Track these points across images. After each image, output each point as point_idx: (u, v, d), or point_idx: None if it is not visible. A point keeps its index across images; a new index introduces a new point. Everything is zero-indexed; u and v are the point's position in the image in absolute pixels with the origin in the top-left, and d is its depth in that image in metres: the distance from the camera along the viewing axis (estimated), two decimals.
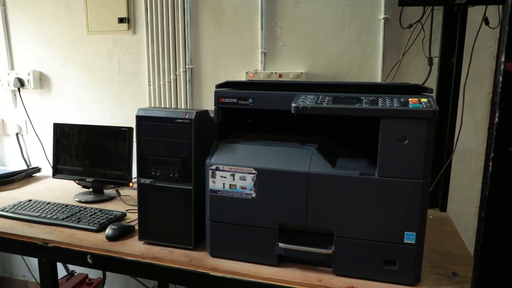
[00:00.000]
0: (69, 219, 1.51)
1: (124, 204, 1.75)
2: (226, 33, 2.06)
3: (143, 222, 1.34)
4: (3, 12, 2.40)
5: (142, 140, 1.29)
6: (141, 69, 2.22)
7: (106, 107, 2.32)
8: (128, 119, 2.28)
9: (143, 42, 2.19)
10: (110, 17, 2.21)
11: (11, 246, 1.45)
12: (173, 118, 1.25)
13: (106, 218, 1.52)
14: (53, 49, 2.36)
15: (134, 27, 2.20)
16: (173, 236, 1.32)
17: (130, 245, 1.35)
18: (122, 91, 2.28)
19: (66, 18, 2.30)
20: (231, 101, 1.24)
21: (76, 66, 2.34)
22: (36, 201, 1.70)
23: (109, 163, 1.81)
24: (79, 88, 2.35)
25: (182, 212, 1.29)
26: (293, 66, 2.00)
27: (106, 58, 2.27)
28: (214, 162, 1.22)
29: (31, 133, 2.49)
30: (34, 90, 2.41)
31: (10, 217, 1.56)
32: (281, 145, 1.24)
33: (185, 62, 2.11)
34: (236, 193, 1.21)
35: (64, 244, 1.37)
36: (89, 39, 2.29)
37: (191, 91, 2.15)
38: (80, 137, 1.87)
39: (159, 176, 1.29)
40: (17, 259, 2.75)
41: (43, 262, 1.42)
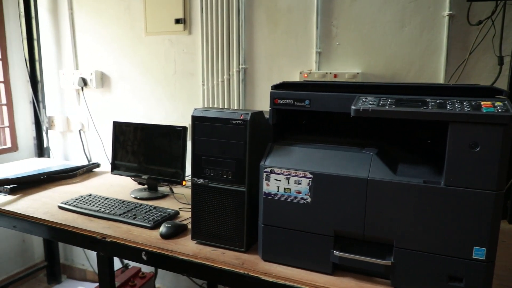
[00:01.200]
0: (126, 215, 1.56)
1: (177, 202, 1.78)
2: (280, 32, 2.03)
3: (196, 222, 1.34)
4: (70, 15, 2.54)
5: (197, 140, 1.30)
6: (196, 69, 2.25)
7: (161, 106, 2.38)
8: (182, 118, 2.32)
9: (198, 42, 2.22)
10: (167, 18, 2.26)
11: (73, 238, 1.52)
12: (228, 119, 1.24)
13: (160, 215, 1.55)
14: (114, 50, 2.46)
15: (190, 27, 2.23)
16: (225, 238, 1.31)
17: (183, 244, 1.36)
18: (177, 90, 2.33)
19: (127, 20, 2.39)
20: (287, 102, 1.21)
21: (135, 66, 2.42)
22: (95, 196, 1.77)
23: (163, 161, 1.85)
24: (137, 87, 2.43)
25: (234, 214, 1.28)
26: (349, 66, 1.93)
27: (162, 58, 2.33)
28: (268, 165, 1.20)
29: (92, 130, 2.61)
30: (96, 89, 2.52)
31: (72, 210, 1.64)
32: (338, 149, 1.19)
33: (239, 62, 2.11)
34: (291, 197, 1.18)
35: (120, 239, 1.41)
36: (147, 40, 2.36)
37: (244, 91, 2.15)
38: (137, 135, 1.93)
39: (213, 176, 1.29)
40: (77, 248, 2.90)
41: (101, 256, 1.47)
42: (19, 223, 1.64)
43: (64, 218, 1.58)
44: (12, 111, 2.67)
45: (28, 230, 1.64)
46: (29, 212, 1.63)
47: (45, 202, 1.76)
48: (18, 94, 2.69)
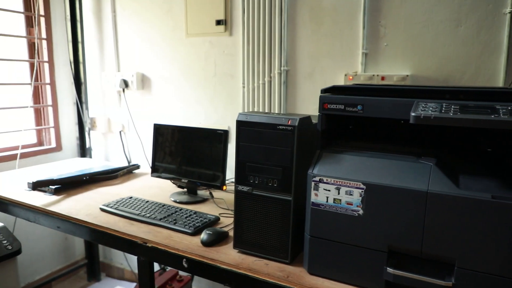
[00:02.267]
0: (166, 220, 1.54)
1: (217, 207, 1.74)
2: (324, 32, 1.96)
3: (238, 230, 1.30)
4: (114, 18, 2.57)
5: (241, 146, 1.25)
6: (236, 71, 2.21)
7: (200, 108, 2.36)
8: (222, 121, 2.29)
9: (239, 44, 2.18)
10: (208, 19, 2.23)
11: (114, 241, 1.51)
12: (275, 124, 1.19)
13: (201, 221, 1.52)
14: (155, 52, 2.46)
15: (230, 28, 2.20)
16: (269, 248, 1.26)
17: (225, 253, 1.32)
18: (217, 92, 2.30)
19: (168, 22, 2.39)
20: (338, 107, 1.14)
21: (175, 68, 2.41)
22: (136, 199, 1.76)
23: (204, 165, 1.82)
24: (177, 89, 2.43)
25: (279, 224, 1.22)
26: (398, 68, 1.83)
27: (202, 60, 2.31)
28: (317, 173, 1.13)
29: (132, 131, 2.63)
30: (136, 90, 2.54)
31: (114, 213, 1.64)
32: (393, 158, 1.11)
33: (281, 63, 2.05)
34: (341, 208, 1.10)
35: (161, 245, 1.39)
36: (188, 42, 2.34)
37: (285, 94, 2.09)
38: (178, 138, 1.91)
39: (257, 184, 1.24)
40: None
41: (142, 261, 1.45)
42: (63, 224, 1.66)
43: (106, 220, 1.58)
44: (57, 112, 2.74)
45: (71, 231, 1.65)
46: (72, 214, 1.64)
47: (87, 203, 1.77)
48: (63, 96, 2.76)
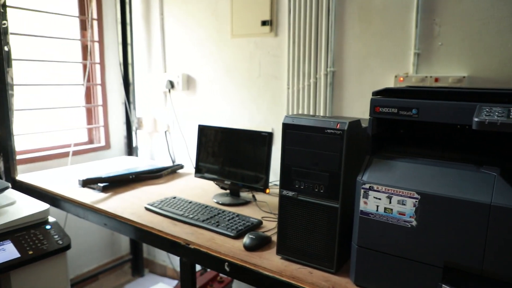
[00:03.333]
0: (209, 222, 1.53)
1: (259, 210, 1.72)
2: (373, 32, 1.88)
3: (282, 236, 1.26)
4: (161, 21, 2.62)
5: (287, 150, 1.22)
6: (281, 72, 2.18)
7: (244, 109, 2.35)
8: (265, 123, 2.27)
9: (284, 44, 2.14)
10: (253, 20, 2.22)
11: (157, 241, 1.53)
12: (322, 128, 1.14)
13: (243, 225, 1.50)
14: (200, 53, 2.48)
15: (276, 29, 2.17)
16: (313, 256, 1.21)
17: (268, 259, 1.29)
18: (261, 94, 2.27)
19: (214, 23, 2.40)
20: (390, 111, 1.08)
21: (220, 69, 2.42)
22: (179, 199, 1.78)
23: (247, 167, 1.80)
24: (221, 89, 2.43)
25: (325, 231, 1.17)
26: (453, 69, 1.72)
27: (247, 61, 2.30)
28: (367, 181, 1.07)
29: (177, 131, 2.67)
30: (182, 91, 2.58)
31: (158, 212, 1.66)
32: (451, 166, 1.03)
33: (327, 64, 1.99)
34: (392, 218, 1.04)
35: (204, 247, 1.38)
36: (232, 43, 2.34)
37: (331, 96, 2.03)
38: (222, 139, 1.90)
39: (303, 189, 1.20)
40: None
41: (184, 262, 1.45)
42: (110, 221, 1.70)
43: (150, 220, 1.60)
44: (106, 112, 2.83)
45: (117, 229, 1.69)
46: (118, 212, 1.68)
47: (132, 202, 1.81)
48: (112, 96, 2.85)
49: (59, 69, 2.61)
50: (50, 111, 2.59)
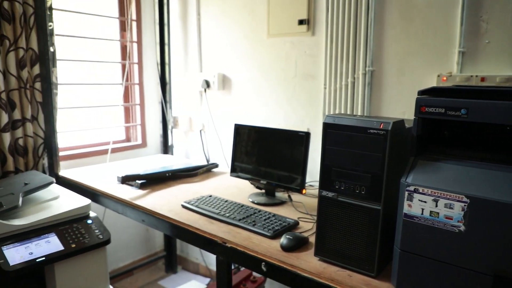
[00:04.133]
0: (245, 221, 1.53)
1: (295, 211, 1.70)
2: (415, 30, 1.82)
3: (320, 237, 1.24)
4: (198, 21, 2.66)
5: (327, 150, 1.19)
6: (318, 72, 2.15)
7: (280, 109, 2.34)
8: (300, 123, 2.25)
9: (321, 44, 2.11)
10: (290, 19, 2.20)
11: (194, 239, 1.54)
12: (365, 128, 1.11)
13: (280, 225, 1.49)
14: (236, 53, 2.49)
15: (313, 28, 2.14)
16: (353, 258, 1.18)
17: (305, 260, 1.27)
18: (297, 93, 2.26)
19: (250, 23, 2.40)
20: (438, 111, 1.04)
21: (255, 69, 2.42)
22: (215, 198, 1.79)
23: (283, 167, 1.78)
24: (256, 89, 2.43)
25: (366, 234, 1.15)
26: (501, 68, 1.64)
27: (283, 60, 2.28)
28: (412, 183, 1.04)
29: (212, 130, 2.69)
30: (217, 90, 2.59)
31: (194, 210, 1.67)
32: (503, 169, 0.97)
33: (365, 64, 1.95)
34: (439, 222, 1.00)
35: (240, 246, 1.38)
36: (268, 42, 2.33)
37: (369, 96, 1.98)
38: (258, 139, 1.90)
39: (343, 190, 1.18)
40: None
41: (220, 260, 1.46)
42: (147, 218, 1.73)
43: (187, 217, 1.62)
44: (143, 111, 2.90)
45: (154, 225, 1.72)
46: (156, 209, 1.71)
47: (169, 199, 1.83)
48: (149, 95, 2.91)
49: (98, 69, 2.69)
50: (90, 110, 2.67)
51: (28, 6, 2.09)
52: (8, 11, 2.02)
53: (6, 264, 1.36)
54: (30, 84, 2.17)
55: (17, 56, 2.09)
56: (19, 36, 2.07)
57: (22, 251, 1.43)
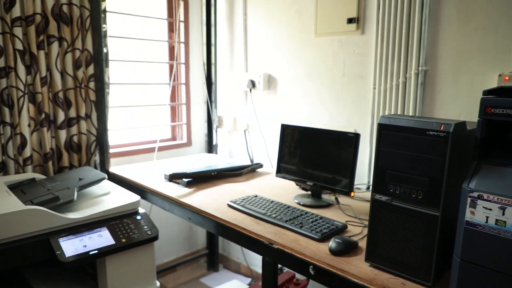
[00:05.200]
0: (292, 222, 1.51)
1: (343, 214, 1.66)
2: (474, 27, 1.72)
3: (372, 242, 1.20)
4: (244, 21, 2.66)
5: (382, 152, 1.15)
6: (367, 71, 2.09)
7: (325, 109, 2.30)
8: (347, 124, 2.19)
9: (371, 43, 2.05)
10: (339, 18, 2.15)
11: (240, 238, 1.54)
12: (424, 130, 1.06)
13: (328, 228, 1.45)
14: (282, 53, 2.48)
15: (363, 27, 2.09)
16: (407, 266, 1.13)
17: (355, 265, 1.23)
18: (344, 94, 2.21)
19: (297, 22, 2.37)
20: (505, 112, 0.96)
21: (301, 69, 2.39)
22: (261, 198, 1.78)
23: (330, 169, 1.74)
24: (302, 90, 2.40)
25: (422, 241, 1.09)
26: None
27: (330, 60, 2.24)
28: (475, 188, 0.97)
29: (256, 130, 2.69)
30: (262, 90, 2.59)
31: (240, 210, 1.67)
32: None
33: (418, 63, 1.87)
34: (506, 232, 0.93)
35: (287, 248, 1.36)
36: (315, 42, 2.30)
37: (421, 96, 1.90)
38: (305, 139, 1.87)
39: (398, 194, 1.13)
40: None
41: (267, 261, 1.44)
42: (194, 216, 1.75)
43: (233, 217, 1.62)
44: (189, 110, 2.95)
45: (200, 223, 1.73)
46: (203, 207, 1.72)
47: (215, 198, 1.84)
48: (195, 95, 2.95)
49: (145, 69, 2.76)
50: (138, 109, 2.75)
51: (84, 9, 2.18)
52: (67, 14, 2.12)
53: (62, 255, 1.42)
54: (84, 84, 2.26)
55: (73, 57, 2.18)
56: (75, 38, 2.17)
57: (77, 244, 1.48)
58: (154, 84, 2.81)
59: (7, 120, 1.99)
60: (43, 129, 2.11)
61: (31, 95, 2.07)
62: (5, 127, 1.99)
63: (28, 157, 2.06)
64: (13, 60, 1.96)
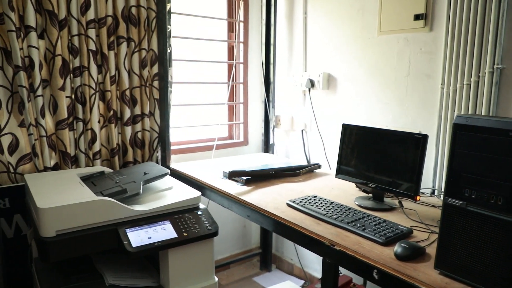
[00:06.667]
0: (354, 225, 1.47)
1: (406, 218, 1.59)
2: None
3: (443, 249, 1.13)
4: (304, 19, 2.64)
5: (457, 153, 1.08)
6: (434, 70, 1.99)
7: (388, 110, 2.21)
8: (411, 124, 2.10)
9: (440, 40, 1.95)
10: (405, 15, 2.07)
11: (300, 238, 1.52)
12: (506, 130, 0.98)
13: (392, 232, 1.40)
14: (343, 52, 2.43)
15: (431, 23, 1.99)
16: (482, 276, 1.05)
17: (424, 272, 1.17)
18: (408, 94, 2.11)
19: (359, 20, 2.31)
20: None
21: (363, 68, 2.32)
22: (321, 198, 1.75)
23: (394, 171, 1.68)
24: (363, 89, 2.33)
25: (500, 250, 1.01)
26: None
27: (395, 58, 2.16)
28: None
29: (314, 130, 2.66)
30: (321, 90, 2.55)
31: (300, 210, 1.65)
32: None
33: (493, 61, 1.75)
34: None
35: (350, 250, 1.32)
36: (379, 40, 2.22)
37: (496, 97, 1.77)
38: (367, 140, 1.81)
39: (474, 199, 1.05)
40: (288, 242, 3.03)
41: (328, 263, 1.42)
42: (252, 214, 1.76)
43: (293, 216, 1.61)
44: (247, 109, 2.97)
45: (259, 221, 1.74)
46: (262, 205, 1.73)
47: (274, 197, 1.84)
48: (253, 94, 2.98)
49: (204, 68, 2.82)
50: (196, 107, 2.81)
51: (151, 10, 2.28)
52: (135, 16, 2.22)
53: (129, 245, 1.49)
54: (149, 82, 2.36)
55: (140, 56, 2.29)
56: (142, 38, 2.27)
57: (142, 235, 1.55)
58: (213, 83, 2.87)
59: (80, 116, 2.12)
60: (111, 125, 2.23)
61: (101, 93, 2.20)
62: (78, 122, 2.13)
63: (97, 152, 2.18)
64: (86, 60, 2.09)
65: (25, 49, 1.92)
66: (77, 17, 2.03)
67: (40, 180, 1.77)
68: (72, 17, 2.01)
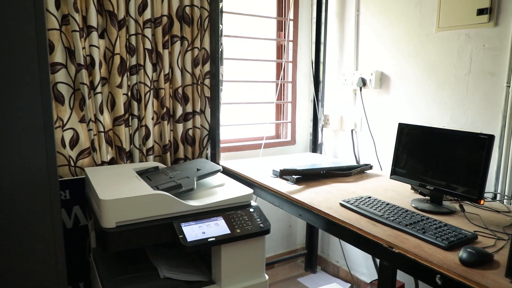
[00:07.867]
0: (413, 227, 1.41)
1: (469, 223, 1.51)
2: None
3: None
4: (356, 17, 2.59)
5: None
6: (499, 68, 1.88)
7: (446, 109, 2.12)
8: (471, 125, 1.99)
9: (506, 35, 1.84)
10: (466, 9, 1.97)
11: (354, 239, 1.48)
12: None
13: (455, 236, 1.33)
14: (396, 49, 2.35)
15: (496, 18, 1.88)
16: None
17: (492, 279, 1.10)
18: (469, 93, 2.01)
19: (415, 16, 2.23)
20: None
21: (418, 66, 2.24)
22: (375, 199, 1.70)
23: (455, 173, 1.60)
24: (418, 88, 2.25)
25: None
26: None
27: (454, 56, 2.06)
28: None
29: (365, 130, 2.59)
30: (373, 89, 2.49)
31: (354, 210, 1.62)
32: None
33: None
34: None
35: (410, 253, 1.27)
36: (437, 37, 2.13)
37: None
38: (425, 140, 1.74)
39: None
40: (334, 244, 2.98)
41: (385, 266, 1.37)
42: (304, 213, 1.74)
43: (347, 216, 1.57)
44: (295, 108, 2.96)
45: (311, 220, 1.72)
46: (314, 204, 1.70)
47: (326, 197, 1.81)
48: (301, 93, 2.95)
49: (252, 67, 2.82)
50: (245, 106, 2.83)
51: (204, 10, 2.32)
52: (189, 15, 2.27)
53: (184, 239, 1.51)
54: (201, 81, 2.40)
55: (192, 55, 2.33)
56: (195, 37, 2.31)
57: (196, 230, 1.57)
58: (262, 82, 2.87)
59: (135, 113, 2.20)
60: (163, 122, 2.29)
61: (155, 90, 2.26)
62: (133, 119, 2.20)
63: (150, 148, 2.25)
64: (142, 58, 2.16)
65: (86, 48, 2.01)
66: (134, 17, 2.10)
67: (100, 174, 1.84)
68: (130, 17, 2.08)
